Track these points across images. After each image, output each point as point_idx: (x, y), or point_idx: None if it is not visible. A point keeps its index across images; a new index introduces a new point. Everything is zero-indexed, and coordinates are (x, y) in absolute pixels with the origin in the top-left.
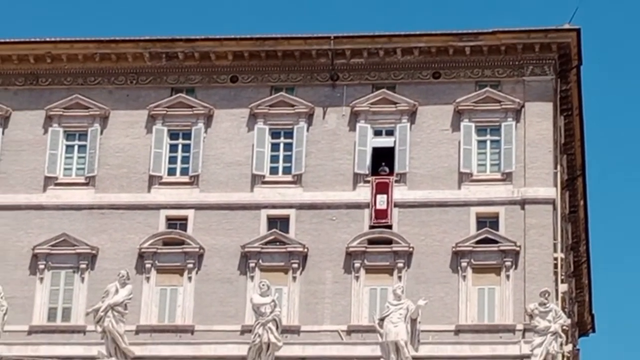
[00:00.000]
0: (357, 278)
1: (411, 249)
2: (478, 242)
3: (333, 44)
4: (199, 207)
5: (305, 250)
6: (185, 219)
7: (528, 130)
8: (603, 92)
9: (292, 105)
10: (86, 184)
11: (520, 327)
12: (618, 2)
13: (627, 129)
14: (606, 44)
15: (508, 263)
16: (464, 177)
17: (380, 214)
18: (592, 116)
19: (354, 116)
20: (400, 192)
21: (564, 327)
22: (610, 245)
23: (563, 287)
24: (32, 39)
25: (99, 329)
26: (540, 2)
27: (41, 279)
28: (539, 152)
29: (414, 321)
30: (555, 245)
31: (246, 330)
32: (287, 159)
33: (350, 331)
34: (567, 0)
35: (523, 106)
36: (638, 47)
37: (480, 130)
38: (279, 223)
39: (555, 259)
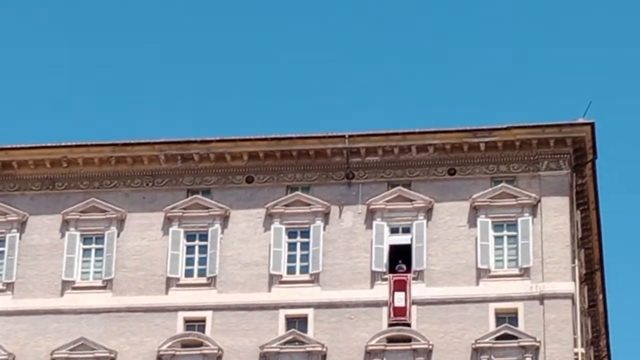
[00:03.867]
0: None
1: (431, 347)
2: (497, 338)
3: (348, 142)
4: (216, 309)
5: (325, 349)
6: (203, 320)
7: (545, 225)
8: (619, 185)
9: (308, 205)
10: (103, 287)
11: None
12: (631, 96)
13: None
14: (620, 138)
15: (528, 359)
16: (481, 273)
17: (399, 312)
18: (609, 210)
19: (370, 214)
20: (418, 290)
21: None
22: (631, 339)
23: None
24: (48, 144)
25: None
26: (554, 97)
27: None
28: (556, 246)
29: None
30: (575, 340)
31: None
32: (304, 258)
33: None
34: (580, 95)
35: (539, 201)
36: None
37: (497, 226)
38: (297, 323)
39: (576, 354)
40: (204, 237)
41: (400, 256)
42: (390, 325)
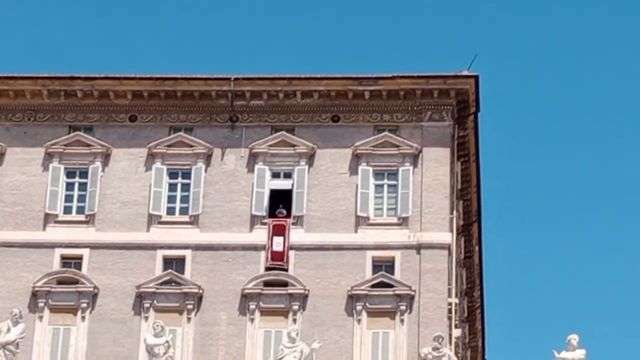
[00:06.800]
0: (252, 320)
1: (307, 292)
2: (373, 286)
3: (233, 85)
4: (94, 246)
5: (201, 291)
6: (80, 258)
7: (425, 175)
8: (500, 138)
9: (191, 146)
10: None
11: None
12: (516, 51)
13: (522, 175)
14: (503, 92)
15: (403, 307)
16: (360, 221)
17: (277, 256)
18: (489, 162)
19: (253, 158)
20: (297, 235)
21: None
22: (504, 291)
23: (457, 332)
24: None
25: None
26: (440, 48)
27: None
28: (435, 197)
29: None
30: (449, 290)
31: None
32: (185, 199)
33: None
34: (466, 48)
35: (421, 151)
36: (534, 95)
37: (378, 175)
38: (174, 264)
39: (450, 304)
40: (84, 174)
41: (280, 201)
42: (267, 269)
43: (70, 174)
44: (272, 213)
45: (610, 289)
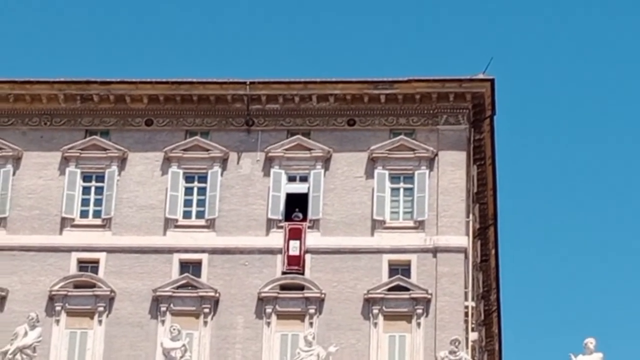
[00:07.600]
0: (268, 324)
1: (323, 296)
2: (390, 289)
3: (249, 89)
4: (110, 250)
5: (217, 295)
6: (96, 261)
7: (441, 178)
8: (516, 142)
9: (207, 150)
10: None
11: None
12: (531, 53)
13: (538, 178)
14: (519, 95)
15: (419, 311)
16: (376, 225)
17: (293, 260)
18: (505, 166)
19: (269, 161)
20: (313, 239)
21: None
22: (521, 294)
23: (473, 336)
24: None
25: None
26: (456, 52)
27: None
28: (451, 200)
29: None
30: (466, 293)
31: None
32: (201, 203)
33: None
34: (481, 51)
35: (437, 155)
36: (550, 98)
37: (394, 178)
38: (191, 267)
39: (466, 307)
40: (100, 178)
41: (296, 205)
42: (283, 273)
43: (86, 178)
44: (288, 217)
45: (628, 292)
